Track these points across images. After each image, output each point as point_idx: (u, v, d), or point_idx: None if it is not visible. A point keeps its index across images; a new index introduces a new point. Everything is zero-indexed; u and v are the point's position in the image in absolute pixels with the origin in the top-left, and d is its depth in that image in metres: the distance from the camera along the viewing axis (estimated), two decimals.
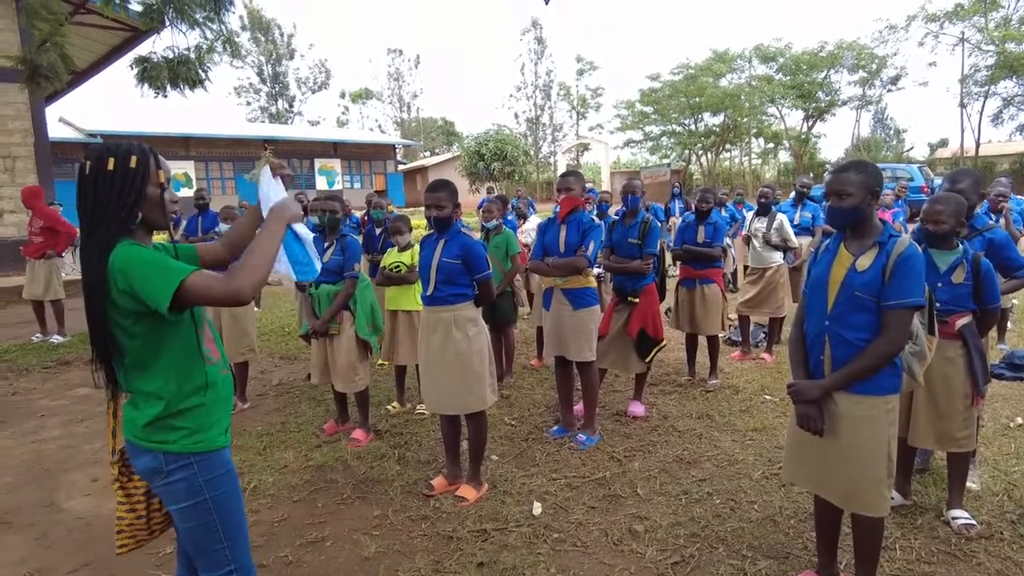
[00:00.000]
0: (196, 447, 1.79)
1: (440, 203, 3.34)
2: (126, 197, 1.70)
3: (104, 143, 1.76)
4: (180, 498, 1.80)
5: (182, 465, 1.78)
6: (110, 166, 1.70)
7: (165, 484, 1.80)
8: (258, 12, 48.94)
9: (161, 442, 1.76)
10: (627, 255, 4.53)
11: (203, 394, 1.81)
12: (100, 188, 1.69)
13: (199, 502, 1.80)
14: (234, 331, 5.14)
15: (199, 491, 1.80)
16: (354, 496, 3.60)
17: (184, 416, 1.78)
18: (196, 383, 1.80)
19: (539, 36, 42.97)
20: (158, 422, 1.75)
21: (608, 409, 4.78)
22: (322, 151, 35.69)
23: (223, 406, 1.90)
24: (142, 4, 8.46)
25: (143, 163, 1.73)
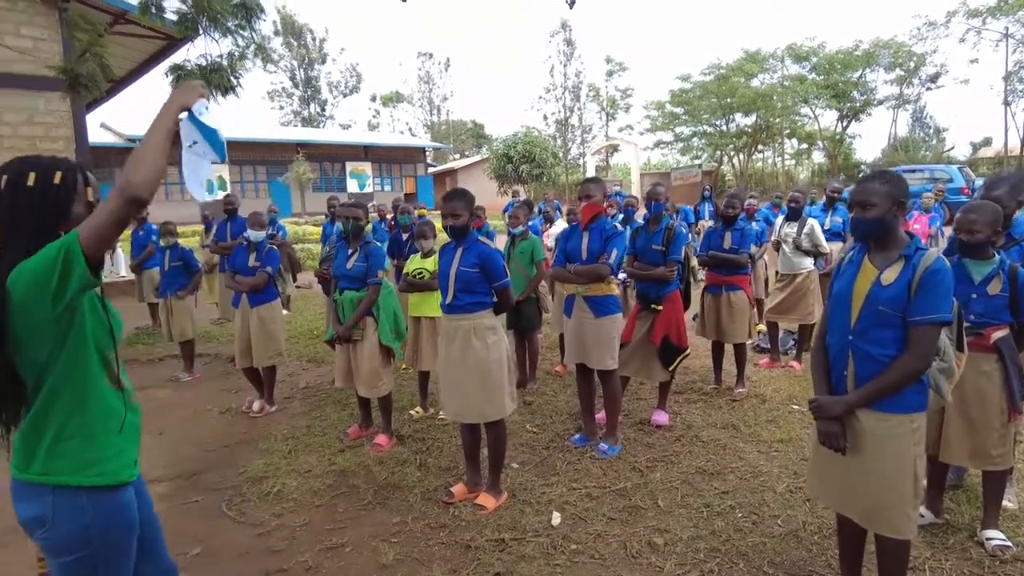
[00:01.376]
0: (95, 480, 1.61)
1: (456, 212, 3.35)
2: (49, 215, 1.57)
3: (28, 157, 1.61)
4: (65, 549, 1.59)
5: (73, 508, 1.58)
6: (30, 181, 1.56)
7: (47, 534, 1.59)
8: (291, 17, 49.78)
9: (47, 473, 1.58)
10: (651, 262, 4.49)
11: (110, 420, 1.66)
12: (18, 205, 1.55)
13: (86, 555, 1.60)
14: (262, 336, 5.23)
15: (88, 541, 1.60)
16: (375, 502, 3.63)
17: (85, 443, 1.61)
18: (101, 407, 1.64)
19: (568, 38, 42.85)
20: (49, 450, 1.58)
21: (631, 418, 4.73)
22: (353, 154, 36.11)
23: (131, 438, 1.72)
24: (177, 13, 8.65)
25: (68, 179, 1.60)
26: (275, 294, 5.43)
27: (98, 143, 26.86)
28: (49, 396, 1.58)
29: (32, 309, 1.50)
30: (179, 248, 6.45)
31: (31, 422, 1.59)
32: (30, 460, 1.59)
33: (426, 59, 59.43)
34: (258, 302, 5.27)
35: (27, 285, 1.49)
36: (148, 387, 6.16)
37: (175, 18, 8.65)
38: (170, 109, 1.65)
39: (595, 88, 44.91)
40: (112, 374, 1.68)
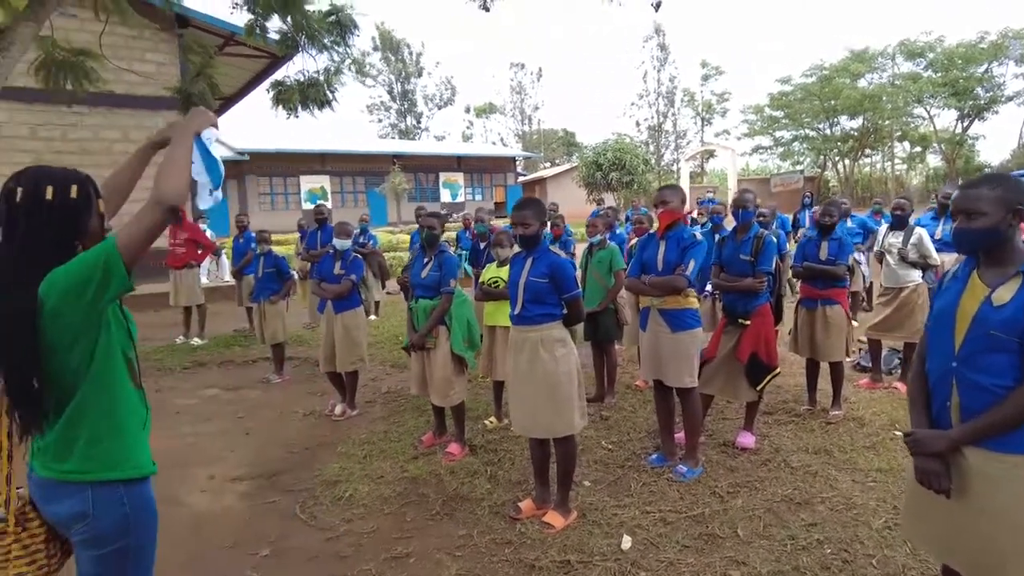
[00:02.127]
0: (131, 472, 1.68)
1: (526, 221, 3.28)
2: (68, 231, 1.59)
3: (42, 169, 1.60)
4: (103, 541, 1.65)
5: (112, 500, 1.64)
6: (48, 195, 1.55)
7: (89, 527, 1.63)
8: (389, 33, 51.72)
9: (85, 471, 1.63)
10: (739, 273, 4.24)
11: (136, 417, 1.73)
12: (38, 219, 1.55)
13: (121, 546, 1.67)
14: (346, 342, 5.36)
15: (126, 532, 1.67)
16: (443, 513, 3.60)
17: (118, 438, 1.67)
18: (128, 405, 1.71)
19: (662, 43, 42.12)
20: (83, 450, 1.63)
21: (714, 439, 4.47)
22: (446, 165, 36.97)
23: (147, 436, 1.79)
24: (279, 33, 9.14)
25: (84, 192, 1.61)
26: (359, 301, 5.56)
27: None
28: (84, 399, 1.62)
29: (65, 315, 1.53)
30: (272, 255, 6.76)
31: (66, 424, 1.63)
32: (64, 459, 1.64)
33: (518, 69, 60.11)
34: (342, 309, 5.42)
35: (62, 292, 1.52)
36: (241, 387, 6.49)
37: (277, 37, 9.15)
38: (187, 129, 1.74)
39: (690, 93, 43.87)
40: (135, 375, 1.74)
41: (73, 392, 1.62)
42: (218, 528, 3.57)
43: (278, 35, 9.10)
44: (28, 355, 1.54)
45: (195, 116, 1.81)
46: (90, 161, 11.80)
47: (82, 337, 1.59)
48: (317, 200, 32.25)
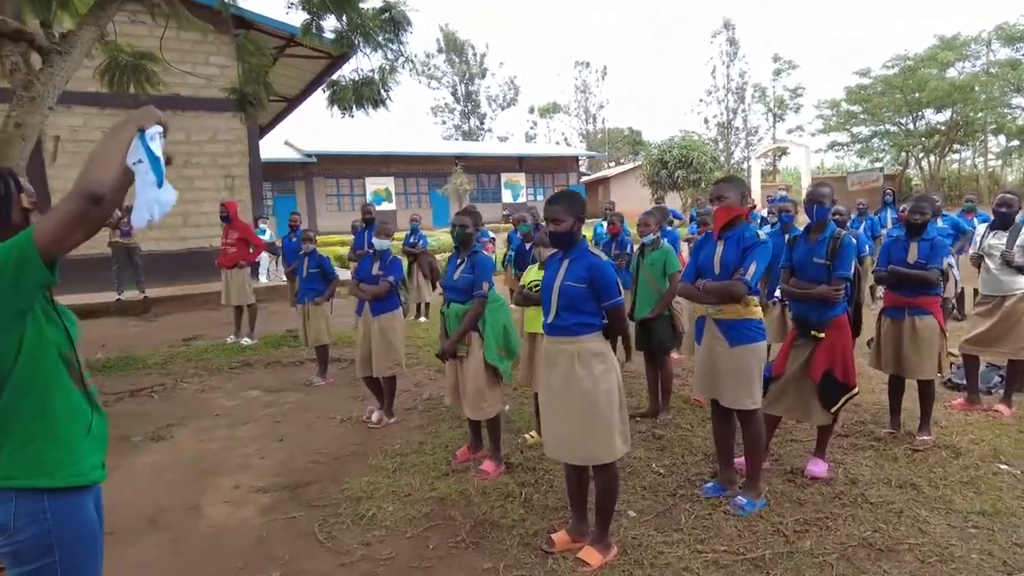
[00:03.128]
0: (60, 481, 1.59)
1: (558, 216, 2.90)
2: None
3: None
4: (26, 557, 1.57)
5: (34, 513, 1.56)
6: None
7: (9, 541, 1.56)
8: (453, 35, 52.09)
9: (11, 476, 1.57)
10: (812, 278, 3.73)
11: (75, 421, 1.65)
12: None
13: (46, 564, 1.57)
14: (382, 345, 5.13)
15: (49, 549, 1.57)
16: (469, 540, 3.27)
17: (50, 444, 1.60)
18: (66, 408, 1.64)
19: (731, 37, 40.65)
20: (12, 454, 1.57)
21: (780, 465, 3.96)
22: (508, 165, 36.83)
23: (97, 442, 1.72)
24: (334, 32, 9.08)
25: (2, 189, 1.63)
26: (397, 304, 5.31)
27: (282, 158, 29.78)
28: (11, 398, 1.57)
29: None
30: (316, 255, 6.61)
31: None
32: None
33: (583, 68, 59.47)
34: (380, 311, 5.18)
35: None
36: (283, 390, 6.36)
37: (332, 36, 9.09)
38: (128, 125, 1.61)
39: (761, 88, 42.19)
40: (75, 375, 1.67)
41: (2, 391, 1.57)
42: (232, 545, 3.36)
43: (333, 34, 9.06)
44: None
45: (141, 112, 1.66)
46: None
47: (2, 334, 1.54)
48: (381, 201, 32.74)
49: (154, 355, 7.74)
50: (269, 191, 28.76)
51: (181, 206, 11.27)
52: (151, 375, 6.97)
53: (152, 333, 9.35)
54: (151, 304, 10.75)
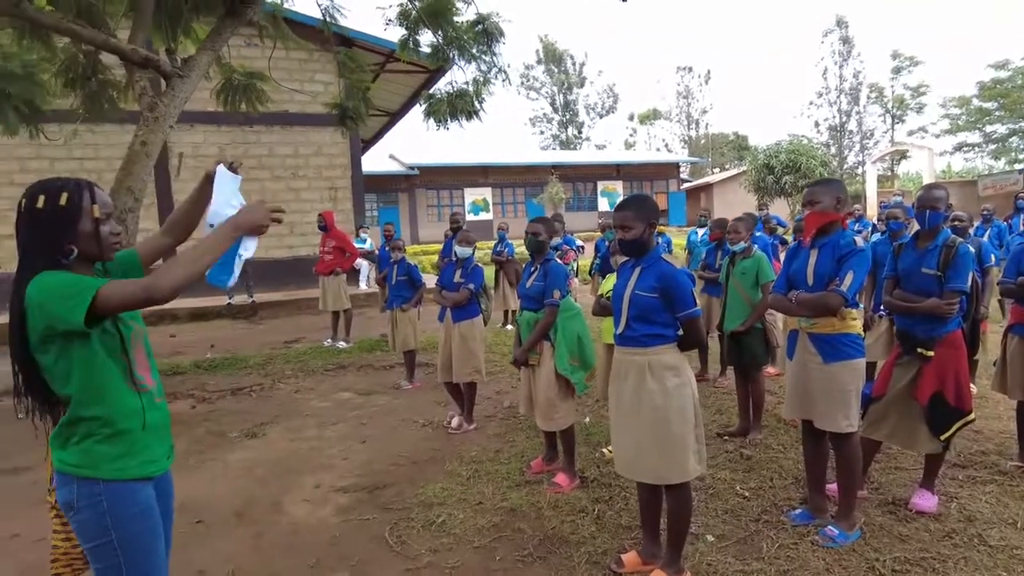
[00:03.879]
0: (110, 474, 1.71)
1: (626, 223, 2.78)
2: (56, 234, 1.68)
3: (45, 180, 1.74)
4: (89, 535, 1.73)
5: (91, 497, 1.70)
6: (39, 204, 1.68)
7: (75, 518, 1.73)
8: (552, 45, 52.38)
9: (75, 465, 1.71)
10: (919, 289, 3.37)
11: (128, 420, 1.75)
12: (31, 225, 1.69)
13: (106, 542, 1.71)
14: (462, 351, 5.16)
15: (107, 529, 1.71)
16: (535, 555, 3.18)
17: (104, 440, 1.72)
18: (120, 408, 1.74)
19: (844, 36, 38.28)
20: (75, 445, 1.71)
21: (881, 495, 3.60)
22: (605, 173, 36.49)
23: (154, 436, 1.82)
24: (430, 46, 9.34)
25: (74, 200, 1.70)
26: (477, 311, 5.34)
27: (387, 171, 31.03)
28: (74, 398, 1.70)
29: (33, 319, 1.63)
30: (405, 263, 6.77)
31: (65, 419, 1.72)
32: (62, 450, 1.74)
33: (685, 73, 58.14)
34: (460, 318, 5.22)
35: (34, 300, 1.61)
36: (372, 392, 6.56)
37: (429, 51, 9.36)
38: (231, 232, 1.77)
39: (878, 88, 39.46)
40: (132, 376, 1.77)
41: (64, 390, 1.71)
42: (307, 543, 3.45)
43: (430, 48, 9.32)
44: (19, 344, 1.68)
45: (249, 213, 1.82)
46: (267, 174, 12.96)
47: (48, 344, 1.65)
48: (479, 211, 33.37)
49: (257, 356, 8.22)
50: (374, 202, 30.06)
51: (288, 216, 11.84)
52: (252, 375, 7.40)
53: (257, 335, 9.96)
54: (258, 308, 11.45)
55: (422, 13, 8.98)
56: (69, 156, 11.69)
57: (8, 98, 6.21)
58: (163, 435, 1.88)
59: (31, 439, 5.31)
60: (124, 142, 11.25)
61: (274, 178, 12.90)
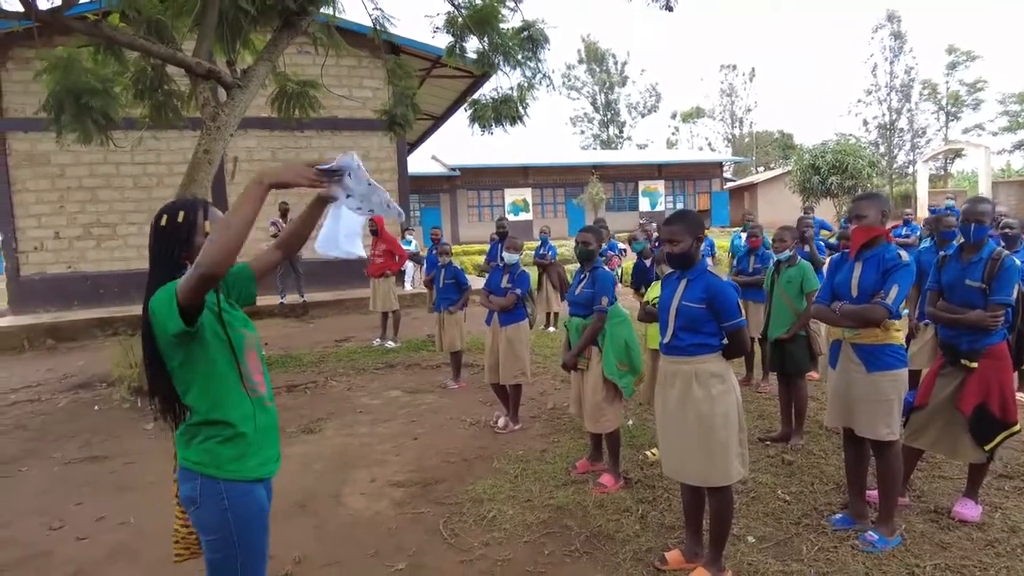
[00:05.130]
0: (230, 475, 1.85)
1: (675, 237, 2.91)
2: (175, 248, 1.86)
3: (170, 202, 1.92)
4: (208, 528, 1.87)
5: (213, 495, 1.84)
6: (163, 222, 1.88)
7: (196, 512, 1.87)
8: (594, 45, 52.22)
9: (198, 463, 1.85)
10: (964, 301, 3.42)
11: (244, 424, 1.87)
12: (156, 241, 1.88)
13: (225, 536, 1.86)
14: (509, 355, 5.35)
15: (226, 524, 1.85)
16: (582, 550, 3.35)
17: (224, 442, 1.85)
18: (237, 412, 1.87)
19: (896, 31, 37.18)
20: (198, 445, 1.86)
21: (923, 502, 3.65)
22: (646, 173, 36.27)
23: (266, 438, 1.94)
24: (476, 52, 9.55)
25: (190, 217, 1.88)
26: (523, 315, 5.52)
27: (429, 172, 31.47)
28: (194, 402, 1.86)
29: (154, 327, 1.80)
30: (452, 267, 7.00)
31: (190, 420, 1.88)
32: (187, 448, 1.89)
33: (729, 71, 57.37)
34: (507, 322, 5.41)
35: (155, 315, 1.78)
36: (420, 391, 6.79)
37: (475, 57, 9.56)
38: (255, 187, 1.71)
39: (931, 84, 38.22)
40: (245, 382, 1.91)
41: (186, 396, 1.88)
42: (366, 533, 3.68)
43: (475, 55, 9.53)
44: (148, 351, 1.85)
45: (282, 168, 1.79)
46: None
47: (171, 350, 1.82)
48: (519, 211, 33.57)
49: (309, 354, 8.56)
50: (416, 203, 30.52)
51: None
52: (305, 372, 7.73)
53: (309, 334, 10.33)
54: (309, 307, 11.85)
55: (469, 21, 9.19)
56: (132, 161, 12.29)
57: (88, 110, 6.63)
58: (273, 438, 1.99)
59: (111, 429, 5.75)
60: (183, 147, 11.90)
61: None
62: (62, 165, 12.08)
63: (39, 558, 3.56)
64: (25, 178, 11.99)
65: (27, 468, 5.03)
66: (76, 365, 8.93)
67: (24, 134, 11.78)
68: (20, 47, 11.28)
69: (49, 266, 12.23)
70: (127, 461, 4.97)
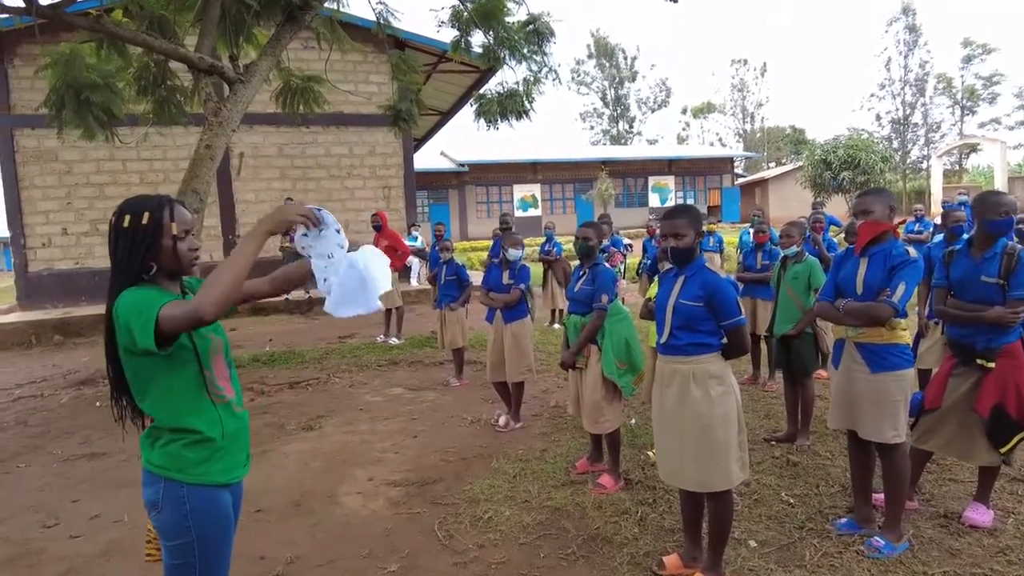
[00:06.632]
0: (195, 479, 1.80)
1: (679, 231, 2.82)
2: (137, 250, 1.77)
3: (131, 199, 1.82)
4: (169, 533, 1.81)
5: (175, 499, 1.79)
6: (125, 223, 1.78)
7: (157, 516, 1.82)
8: (604, 40, 51.92)
9: (161, 467, 1.80)
10: (978, 299, 3.28)
11: (211, 429, 1.83)
12: (118, 242, 1.78)
13: (185, 542, 1.80)
14: (514, 351, 5.28)
15: (187, 530, 1.80)
16: (579, 553, 3.27)
17: (189, 446, 1.80)
18: (202, 419, 1.82)
19: (911, 24, 36.66)
20: (161, 448, 1.81)
21: (932, 507, 3.54)
22: (656, 169, 36.09)
23: (234, 444, 1.90)
24: (482, 47, 9.46)
25: (155, 218, 1.78)
26: (527, 311, 5.44)
27: (438, 168, 31.46)
28: (155, 405, 1.81)
29: (117, 331, 1.75)
30: (454, 264, 6.93)
31: (153, 423, 1.84)
32: (150, 452, 1.85)
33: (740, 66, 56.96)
34: (511, 318, 5.33)
35: (120, 322, 1.72)
36: (422, 388, 6.74)
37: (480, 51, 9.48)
38: (257, 233, 1.77)
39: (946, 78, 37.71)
40: (210, 388, 1.86)
41: (141, 403, 1.84)
42: (360, 533, 3.62)
43: (481, 49, 9.44)
44: (109, 352, 1.81)
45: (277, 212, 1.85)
46: (323, 173, 13.35)
47: (130, 357, 1.76)
48: (527, 207, 33.47)
49: (313, 351, 8.53)
50: (425, 199, 30.51)
51: (343, 215, 12.31)
52: (308, 369, 7.70)
53: (313, 330, 10.30)
54: (314, 303, 11.83)
55: (474, 14, 9.10)
56: (139, 158, 12.32)
57: (89, 106, 6.61)
58: (242, 443, 1.94)
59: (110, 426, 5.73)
60: (189, 143, 11.89)
61: (330, 177, 13.29)
62: (69, 162, 12.13)
63: (31, 556, 3.53)
64: (33, 175, 12.04)
65: (26, 464, 5.02)
66: (81, 361, 8.96)
67: (32, 130, 11.83)
68: (27, 43, 11.32)
69: (57, 262, 12.29)
70: (125, 458, 4.94)
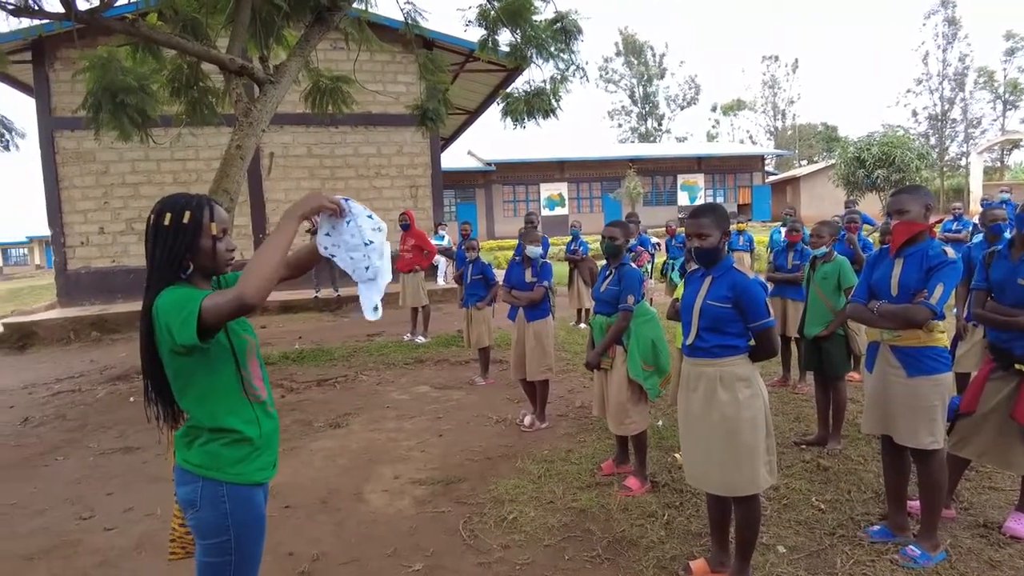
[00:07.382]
0: (233, 478, 1.81)
1: (703, 231, 2.77)
2: (178, 249, 1.77)
3: (171, 197, 1.83)
4: (207, 532, 1.82)
5: (215, 498, 1.80)
6: (166, 221, 1.78)
7: (195, 515, 1.82)
8: (632, 37, 51.51)
9: (199, 466, 1.81)
10: (1017, 302, 3.18)
11: (249, 428, 1.84)
12: (157, 240, 1.78)
13: (223, 540, 1.82)
14: (536, 350, 5.27)
15: (226, 528, 1.81)
16: (603, 556, 3.24)
17: (228, 445, 1.82)
18: (239, 417, 1.83)
19: (950, 17, 35.66)
20: (200, 447, 1.82)
21: (970, 515, 3.43)
22: (685, 167, 35.70)
23: (268, 443, 1.92)
24: (509, 45, 9.45)
25: (196, 218, 1.80)
26: (548, 310, 5.43)
27: (465, 167, 31.56)
28: (193, 405, 1.82)
29: (158, 330, 1.74)
30: (480, 263, 6.93)
31: (190, 422, 1.85)
32: (187, 450, 1.85)
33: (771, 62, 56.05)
34: (534, 317, 5.32)
35: (161, 321, 1.71)
36: (448, 387, 6.76)
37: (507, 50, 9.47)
38: (288, 222, 1.76)
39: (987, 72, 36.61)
40: (247, 387, 1.87)
41: (182, 403, 1.85)
42: (385, 532, 3.64)
43: (508, 48, 9.43)
44: (147, 350, 1.80)
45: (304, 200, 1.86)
46: (351, 172, 13.48)
47: (171, 356, 1.77)
48: (555, 206, 33.38)
49: (341, 348, 8.62)
50: (452, 198, 30.62)
51: None
52: (336, 366, 7.78)
53: (341, 328, 10.41)
54: (343, 302, 11.96)
55: (501, 13, 9.08)
56: (172, 158, 12.58)
57: (125, 108, 6.77)
58: (274, 444, 1.96)
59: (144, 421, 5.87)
60: (220, 143, 12.10)
61: (358, 176, 13.41)
62: (106, 162, 12.44)
63: (67, 547, 3.62)
64: (72, 175, 12.38)
65: (64, 457, 5.16)
66: (118, 357, 9.18)
67: (71, 132, 12.16)
68: (67, 48, 11.63)
69: (94, 260, 12.62)
70: (158, 452, 5.04)
